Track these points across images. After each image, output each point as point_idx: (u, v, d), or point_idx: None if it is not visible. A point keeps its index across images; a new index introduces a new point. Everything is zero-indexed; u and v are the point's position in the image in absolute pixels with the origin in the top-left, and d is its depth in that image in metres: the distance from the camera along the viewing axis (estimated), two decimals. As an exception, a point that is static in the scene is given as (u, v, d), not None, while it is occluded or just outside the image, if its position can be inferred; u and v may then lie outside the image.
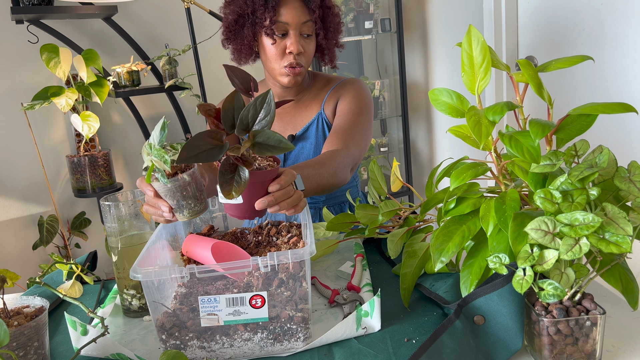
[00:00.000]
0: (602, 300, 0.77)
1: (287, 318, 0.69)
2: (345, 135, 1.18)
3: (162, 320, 0.69)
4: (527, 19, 2.10)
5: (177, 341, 0.69)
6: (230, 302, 0.68)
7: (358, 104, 1.26)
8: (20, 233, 2.23)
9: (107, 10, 2.04)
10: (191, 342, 0.70)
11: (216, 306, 0.68)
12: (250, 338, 0.69)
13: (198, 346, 0.70)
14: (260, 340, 0.69)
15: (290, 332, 0.69)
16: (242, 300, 0.68)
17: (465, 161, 0.74)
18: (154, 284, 0.68)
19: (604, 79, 1.79)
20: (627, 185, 0.60)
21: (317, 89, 1.33)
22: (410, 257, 0.78)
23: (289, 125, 1.31)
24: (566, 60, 0.66)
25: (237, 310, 0.68)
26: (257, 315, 0.68)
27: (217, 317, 0.68)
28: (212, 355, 0.70)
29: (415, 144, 2.92)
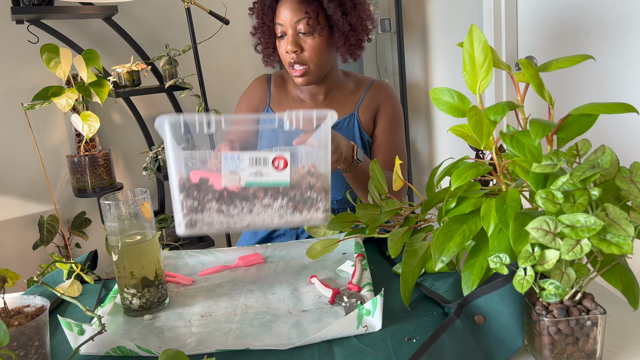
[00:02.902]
0: (602, 300, 0.77)
1: (308, 186, 0.67)
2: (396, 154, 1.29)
3: (186, 177, 0.67)
4: (527, 19, 2.10)
5: (195, 202, 0.67)
6: (253, 162, 0.67)
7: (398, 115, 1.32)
8: (21, 233, 2.23)
9: (107, 10, 2.04)
10: (209, 205, 0.67)
11: (239, 164, 0.67)
12: (270, 204, 0.68)
13: (216, 209, 0.68)
14: (280, 208, 0.68)
15: (310, 201, 0.68)
16: (265, 161, 0.67)
17: (466, 161, 0.74)
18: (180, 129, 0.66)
19: (604, 79, 1.79)
20: (628, 186, 0.60)
21: (350, 89, 1.33)
22: (411, 257, 0.78)
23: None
24: (567, 60, 0.66)
25: (259, 171, 0.67)
26: (278, 179, 0.67)
27: (238, 177, 0.67)
28: (231, 222, 0.67)
29: (415, 144, 2.92)
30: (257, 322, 0.77)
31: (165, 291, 0.87)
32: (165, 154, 0.68)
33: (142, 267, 0.83)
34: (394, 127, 1.31)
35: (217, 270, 0.99)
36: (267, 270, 0.98)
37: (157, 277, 0.85)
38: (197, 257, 1.05)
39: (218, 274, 0.98)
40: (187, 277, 0.97)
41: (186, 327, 0.78)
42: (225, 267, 1.00)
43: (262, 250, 1.05)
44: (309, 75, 1.21)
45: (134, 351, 0.70)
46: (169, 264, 1.03)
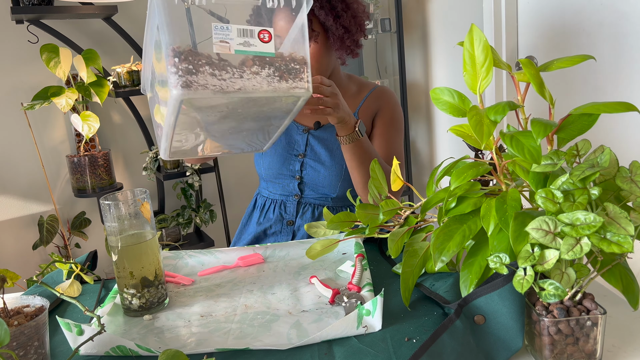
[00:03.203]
0: (602, 300, 0.77)
1: (291, 58, 0.75)
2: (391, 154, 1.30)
3: (179, 44, 0.71)
4: (527, 19, 2.10)
5: (189, 65, 0.71)
6: (241, 33, 0.74)
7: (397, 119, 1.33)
8: (20, 233, 2.23)
9: (107, 10, 2.04)
10: (203, 68, 0.71)
11: (228, 34, 0.74)
12: (258, 72, 0.74)
13: (209, 73, 0.71)
14: (267, 76, 0.74)
15: (294, 71, 0.75)
16: (252, 33, 0.74)
17: (466, 160, 0.74)
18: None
19: (604, 78, 1.79)
20: (629, 185, 0.60)
21: (353, 92, 1.35)
22: (411, 257, 0.78)
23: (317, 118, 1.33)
24: (567, 60, 0.66)
25: (246, 41, 0.74)
26: (264, 49, 0.74)
27: (228, 45, 0.73)
28: (224, 84, 0.72)
29: (415, 144, 2.92)
30: (256, 322, 0.77)
31: (165, 291, 0.87)
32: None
33: (141, 267, 0.83)
34: (391, 129, 1.32)
35: (217, 271, 0.99)
36: (267, 271, 0.98)
37: (157, 277, 0.85)
38: (197, 257, 1.05)
39: (218, 274, 0.98)
40: (187, 277, 0.97)
41: (186, 327, 0.78)
42: (225, 267, 1.00)
43: (262, 251, 1.05)
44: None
45: (134, 350, 0.70)
46: (168, 264, 1.03)
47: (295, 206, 1.31)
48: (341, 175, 1.28)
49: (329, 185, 1.28)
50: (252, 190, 2.58)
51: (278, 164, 1.32)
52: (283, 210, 1.33)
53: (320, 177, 1.28)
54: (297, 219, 1.30)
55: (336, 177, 1.28)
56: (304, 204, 1.31)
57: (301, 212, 1.31)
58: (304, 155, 1.30)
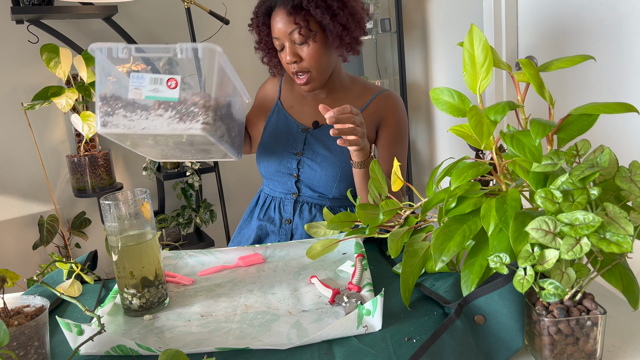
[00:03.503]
0: (602, 300, 0.77)
1: (192, 103, 0.89)
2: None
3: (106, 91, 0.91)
4: (527, 19, 2.10)
5: (108, 108, 0.91)
6: (152, 81, 0.89)
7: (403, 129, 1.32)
8: (21, 233, 2.23)
9: (107, 10, 2.04)
10: (118, 111, 0.90)
11: (142, 82, 0.89)
12: (162, 114, 0.89)
13: (122, 114, 0.90)
14: (169, 117, 0.89)
15: (192, 114, 0.89)
16: (162, 81, 0.89)
17: (466, 161, 0.74)
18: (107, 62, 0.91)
19: (604, 79, 1.79)
20: (628, 185, 0.60)
21: (355, 94, 1.34)
22: (411, 257, 0.78)
23: (320, 114, 1.33)
24: (567, 60, 0.66)
25: (156, 88, 0.89)
26: (170, 95, 0.89)
27: (140, 92, 0.89)
28: (131, 124, 0.88)
29: (415, 144, 2.92)
30: (257, 322, 0.77)
31: (165, 291, 0.87)
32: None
33: (142, 267, 0.83)
34: (397, 142, 1.31)
35: (217, 270, 0.99)
36: (267, 270, 0.98)
37: (157, 277, 0.85)
38: (197, 257, 1.05)
39: (218, 274, 0.98)
40: (187, 277, 0.97)
41: (186, 327, 0.78)
42: (225, 267, 1.00)
43: (262, 251, 1.05)
44: (313, 81, 1.25)
45: (134, 350, 0.70)
46: (169, 264, 1.03)
47: (293, 204, 1.31)
48: (337, 177, 1.28)
49: (325, 185, 1.28)
50: (252, 190, 2.58)
51: (276, 161, 1.33)
52: (282, 208, 1.33)
53: (317, 177, 1.28)
54: (294, 217, 1.30)
55: (332, 178, 1.28)
56: (302, 202, 1.31)
57: (298, 211, 1.31)
58: (302, 154, 1.30)
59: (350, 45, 1.24)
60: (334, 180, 1.28)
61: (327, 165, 1.28)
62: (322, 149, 1.29)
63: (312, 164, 1.29)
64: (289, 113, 1.37)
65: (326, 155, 1.28)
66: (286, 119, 1.36)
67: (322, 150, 1.29)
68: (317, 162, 1.29)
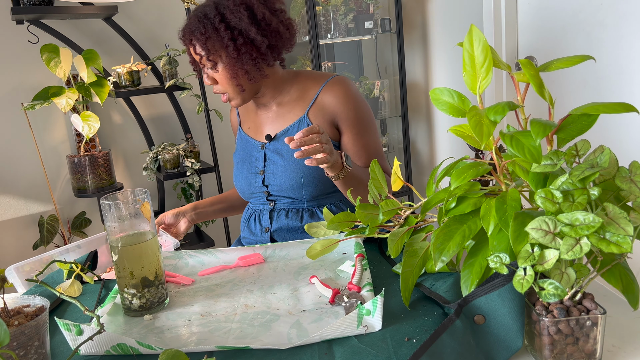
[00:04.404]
0: (602, 300, 0.77)
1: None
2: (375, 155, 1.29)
3: None
4: (527, 19, 2.10)
5: None
6: None
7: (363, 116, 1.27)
8: (21, 233, 2.23)
9: (107, 10, 2.04)
10: None
11: None
12: None
13: None
14: None
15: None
16: None
17: (466, 161, 0.74)
18: None
19: (604, 79, 1.79)
20: (628, 185, 0.60)
21: (300, 91, 1.30)
22: (411, 257, 0.78)
23: (271, 125, 1.32)
24: (567, 60, 0.66)
25: None
26: None
27: None
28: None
29: (415, 144, 2.92)
30: (257, 321, 0.77)
31: (165, 291, 0.87)
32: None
33: (142, 267, 0.83)
34: (362, 132, 1.27)
35: (217, 270, 0.99)
36: (267, 270, 0.98)
37: (157, 277, 0.85)
38: (197, 257, 1.05)
39: (218, 274, 0.98)
40: (187, 277, 0.97)
41: (186, 327, 0.78)
42: (225, 267, 1.00)
43: (262, 250, 1.05)
44: (233, 100, 1.24)
45: (134, 348, 0.70)
46: (169, 264, 1.03)
47: (269, 213, 1.31)
48: (302, 182, 1.25)
49: (293, 191, 1.26)
50: (252, 190, 2.58)
51: (246, 185, 1.33)
52: (261, 219, 1.33)
53: (283, 187, 1.26)
54: (272, 225, 1.30)
55: (297, 184, 1.25)
56: (278, 209, 1.31)
57: (275, 218, 1.30)
58: (264, 171, 1.29)
59: (266, 56, 1.19)
60: (299, 186, 1.25)
61: (289, 175, 1.26)
62: (280, 159, 1.27)
63: (274, 178, 1.28)
64: (247, 135, 1.36)
65: (285, 164, 1.26)
66: (247, 142, 1.36)
67: (280, 161, 1.27)
68: (278, 173, 1.27)
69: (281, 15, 1.23)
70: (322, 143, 1.02)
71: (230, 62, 1.17)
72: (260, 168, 1.30)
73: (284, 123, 1.29)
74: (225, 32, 1.14)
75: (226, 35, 1.14)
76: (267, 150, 1.30)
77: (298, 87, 1.30)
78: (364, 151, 1.28)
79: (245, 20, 1.15)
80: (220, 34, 1.15)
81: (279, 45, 1.22)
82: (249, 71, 1.19)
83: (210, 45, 1.16)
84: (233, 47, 1.15)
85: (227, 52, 1.16)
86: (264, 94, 1.29)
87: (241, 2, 1.16)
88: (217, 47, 1.16)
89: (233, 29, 1.15)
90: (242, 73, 1.19)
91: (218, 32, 1.15)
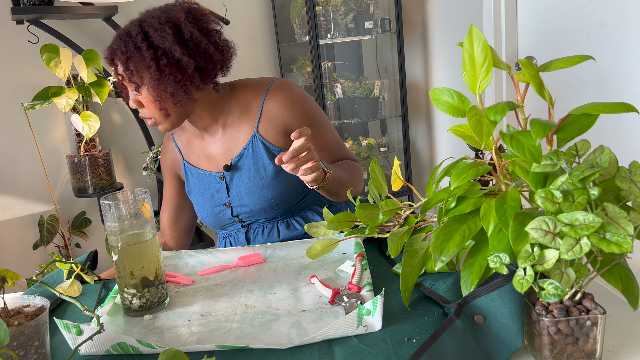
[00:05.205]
0: (602, 300, 0.77)
1: None
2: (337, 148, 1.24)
3: None
4: (526, 19, 2.10)
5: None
6: None
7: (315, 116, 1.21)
8: (21, 233, 2.23)
9: (107, 11, 2.04)
10: None
11: None
12: None
13: None
14: None
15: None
16: None
17: (466, 161, 0.74)
18: None
19: (604, 79, 1.80)
20: (628, 185, 0.60)
21: (242, 106, 1.20)
22: (411, 257, 0.78)
23: (222, 150, 1.22)
24: (567, 60, 0.66)
25: None
26: None
27: None
28: None
29: (415, 144, 2.92)
30: (257, 321, 0.77)
31: (165, 291, 0.87)
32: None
33: (142, 267, 0.83)
34: (320, 131, 1.21)
35: (217, 270, 0.99)
36: (267, 270, 0.98)
37: (157, 277, 0.85)
38: (197, 257, 1.05)
39: (218, 274, 0.98)
40: (187, 277, 0.97)
41: (186, 327, 0.78)
42: (225, 267, 1.00)
43: (262, 250, 1.05)
44: (161, 124, 1.14)
45: (134, 347, 0.70)
46: (169, 264, 1.03)
47: (244, 235, 1.26)
48: (272, 204, 1.20)
49: (266, 212, 1.22)
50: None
51: (214, 220, 1.27)
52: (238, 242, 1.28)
53: (255, 211, 1.22)
54: (250, 242, 1.26)
55: (268, 207, 1.20)
56: (254, 229, 1.26)
57: (252, 238, 1.26)
58: (229, 204, 1.23)
59: (193, 78, 1.10)
60: (270, 207, 1.21)
61: (257, 199, 1.20)
62: (244, 185, 1.20)
63: (243, 207, 1.22)
64: (198, 167, 1.26)
65: (250, 189, 1.20)
66: (200, 175, 1.26)
67: (245, 186, 1.20)
68: (245, 200, 1.21)
69: (214, 36, 1.14)
70: (310, 151, 0.97)
71: (154, 84, 1.08)
72: (225, 200, 1.23)
73: (236, 146, 1.21)
74: (148, 52, 1.06)
75: (148, 55, 1.06)
76: (228, 180, 1.22)
77: (238, 102, 1.20)
78: (327, 149, 1.22)
79: (169, 40, 1.06)
80: (142, 53, 1.06)
81: (209, 67, 1.11)
82: (175, 94, 1.09)
83: (132, 65, 1.07)
84: (156, 67, 1.06)
85: (149, 73, 1.07)
86: (202, 117, 1.18)
87: (167, 20, 1.08)
88: (140, 68, 1.07)
89: (156, 48, 1.07)
90: (167, 96, 1.09)
91: (140, 51, 1.06)
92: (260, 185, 1.19)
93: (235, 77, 1.26)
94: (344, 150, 1.28)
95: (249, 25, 2.60)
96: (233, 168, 1.21)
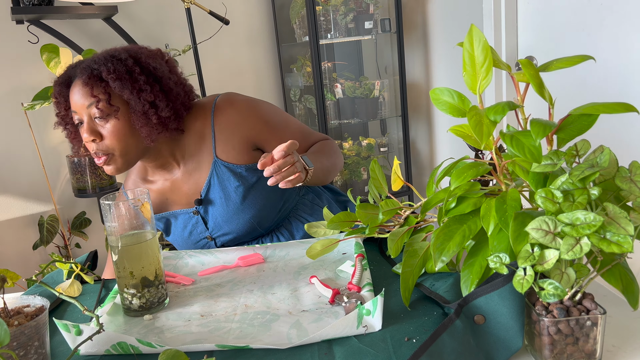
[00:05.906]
0: (602, 300, 0.77)
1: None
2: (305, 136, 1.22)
3: None
4: (527, 19, 2.10)
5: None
6: None
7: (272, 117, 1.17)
8: (21, 233, 2.23)
9: (107, 11, 2.04)
10: None
11: None
12: None
13: None
14: None
15: None
16: None
17: (466, 161, 0.74)
18: None
19: (604, 79, 1.80)
20: (628, 185, 0.60)
21: (194, 133, 1.15)
22: (411, 257, 0.78)
23: (188, 184, 1.18)
24: (567, 60, 0.66)
25: None
26: None
27: None
28: None
29: (415, 144, 2.92)
30: (257, 321, 0.77)
31: (165, 291, 0.87)
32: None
33: (142, 267, 0.83)
34: (282, 129, 1.17)
35: (217, 270, 0.99)
36: (267, 270, 0.98)
37: (157, 277, 0.85)
38: (197, 257, 1.05)
39: (218, 274, 0.98)
40: (187, 277, 0.97)
41: (186, 327, 0.78)
42: (225, 267, 1.00)
43: (262, 250, 1.05)
44: (115, 162, 1.07)
45: (135, 347, 0.70)
46: (169, 264, 1.03)
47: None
48: (254, 226, 1.18)
49: (250, 234, 1.20)
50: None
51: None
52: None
53: (240, 235, 1.19)
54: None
55: (250, 226, 1.18)
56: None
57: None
58: (211, 237, 1.20)
59: (157, 126, 1.05)
60: (253, 228, 1.18)
61: (237, 223, 1.17)
62: (219, 214, 1.17)
63: (226, 235, 1.19)
64: (174, 210, 1.21)
65: (227, 216, 1.16)
66: (174, 216, 1.21)
67: (221, 217, 1.16)
68: (226, 230, 1.18)
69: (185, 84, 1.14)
70: (293, 164, 0.96)
71: (135, 113, 1.03)
72: (205, 234, 1.20)
73: (201, 177, 1.16)
74: (141, 76, 1.03)
75: (141, 79, 1.02)
76: (202, 213, 1.18)
77: (189, 131, 1.15)
78: (297, 137, 1.18)
79: (164, 68, 1.06)
80: (134, 76, 1.02)
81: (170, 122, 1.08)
82: (156, 127, 1.05)
83: (118, 86, 1.01)
84: (150, 91, 1.03)
85: (136, 100, 1.02)
86: (160, 153, 1.13)
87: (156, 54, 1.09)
88: (126, 92, 1.02)
89: (149, 74, 1.04)
90: (146, 129, 1.04)
91: (132, 74, 1.03)
92: (236, 210, 1.15)
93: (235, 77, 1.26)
94: (312, 135, 1.25)
95: (249, 25, 2.60)
96: (205, 201, 1.17)
